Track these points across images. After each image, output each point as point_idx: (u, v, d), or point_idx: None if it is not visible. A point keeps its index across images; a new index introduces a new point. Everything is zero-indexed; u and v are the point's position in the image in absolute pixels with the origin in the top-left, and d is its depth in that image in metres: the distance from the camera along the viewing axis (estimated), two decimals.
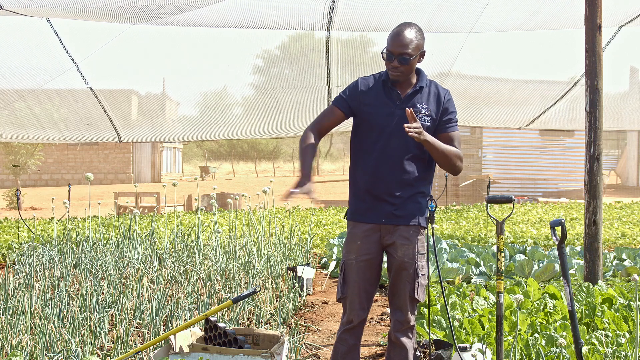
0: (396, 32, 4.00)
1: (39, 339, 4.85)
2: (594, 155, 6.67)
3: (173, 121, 14.28)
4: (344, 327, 4.11)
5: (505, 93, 13.66)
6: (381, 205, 4.03)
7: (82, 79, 10.93)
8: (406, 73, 4.01)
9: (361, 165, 4.08)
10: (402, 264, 4.03)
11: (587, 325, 5.33)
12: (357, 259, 4.06)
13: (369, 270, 4.07)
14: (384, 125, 4.02)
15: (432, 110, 4.05)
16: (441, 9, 9.62)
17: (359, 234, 4.06)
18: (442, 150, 3.98)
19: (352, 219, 4.12)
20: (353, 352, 4.12)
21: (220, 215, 14.27)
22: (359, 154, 4.11)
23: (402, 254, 4.02)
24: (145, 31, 10.08)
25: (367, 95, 4.08)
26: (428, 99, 4.07)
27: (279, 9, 9.38)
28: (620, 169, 34.10)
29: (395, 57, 3.96)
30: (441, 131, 4.06)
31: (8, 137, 12.75)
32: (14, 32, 9.89)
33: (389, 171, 4.02)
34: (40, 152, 30.69)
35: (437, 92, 4.09)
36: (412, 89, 4.06)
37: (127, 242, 8.63)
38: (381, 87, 4.09)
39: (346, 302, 4.10)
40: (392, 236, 4.03)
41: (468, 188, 23.87)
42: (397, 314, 4.08)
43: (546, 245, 10.19)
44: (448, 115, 4.07)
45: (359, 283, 4.06)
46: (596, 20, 6.66)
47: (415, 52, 3.95)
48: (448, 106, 4.08)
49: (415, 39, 3.96)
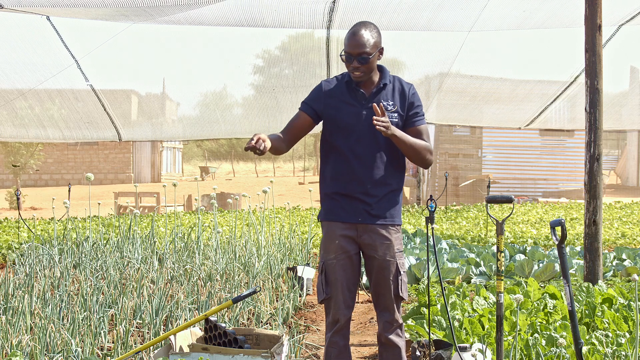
0: (352, 32, 4.02)
1: (39, 339, 4.84)
2: (594, 155, 6.67)
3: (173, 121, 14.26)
4: (333, 329, 4.09)
5: (505, 91, 13.65)
6: (356, 205, 4.03)
7: (82, 76, 10.93)
8: (367, 72, 4.02)
9: (333, 167, 4.08)
10: (383, 263, 4.03)
11: (587, 325, 5.33)
12: (337, 258, 4.05)
13: (350, 268, 4.07)
14: (353, 126, 4.04)
15: (398, 105, 4.07)
16: (441, 7, 9.62)
17: (336, 234, 4.05)
18: (410, 143, 4.00)
19: (327, 219, 4.11)
20: (344, 353, 4.11)
21: (220, 215, 14.28)
22: (330, 156, 4.11)
23: (383, 252, 4.03)
24: (146, 30, 10.08)
25: (332, 97, 4.09)
26: (393, 95, 4.09)
27: (280, 8, 9.38)
28: (620, 169, 34.10)
29: (354, 57, 3.98)
30: (409, 125, 4.08)
31: (8, 136, 12.74)
32: (14, 30, 9.89)
33: (361, 171, 4.02)
34: (41, 152, 30.69)
35: (402, 87, 4.12)
36: (376, 87, 4.08)
37: (127, 242, 8.63)
38: (345, 88, 4.10)
39: (330, 303, 4.08)
40: (370, 236, 4.03)
41: (468, 188, 23.87)
42: (385, 314, 4.08)
43: (546, 245, 10.19)
44: (414, 109, 4.09)
45: (341, 282, 4.05)
46: (596, 20, 6.66)
47: (373, 50, 3.98)
48: (414, 100, 4.10)
49: (372, 37, 3.99)
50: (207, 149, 49.92)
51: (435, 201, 4.13)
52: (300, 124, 4.13)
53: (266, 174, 44.51)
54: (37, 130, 12.42)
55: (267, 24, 9.99)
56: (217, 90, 13.21)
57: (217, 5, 8.74)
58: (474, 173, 25.16)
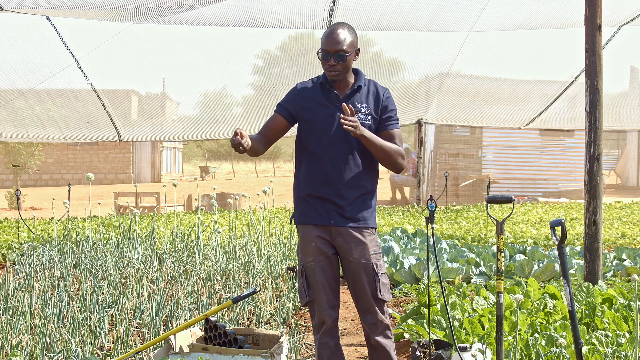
0: (329, 31, 4.04)
1: (39, 339, 4.84)
2: (594, 155, 6.67)
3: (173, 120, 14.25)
4: (320, 331, 4.07)
5: (505, 91, 13.65)
6: (328, 207, 4.03)
7: (82, 75, 10.93)
8: (343, 71, 4.03)
9: (306, 168, 4.08)
10: (359, 266, 4.02)
11: (587, 325, 5.33)
12: (316, 260, 4.04)
13: (330, 268, 4.06)
14: (326, 127, 4.04)
15: (372, 108, 4.07)
16: (441, 8, 9.62)
17: (312, 236, 4.04)
18: (380, 145, 4.00)
19: (301, 222, 4.10)
20: (337, 353, 4.10)
21: (220, 215, 14.28)
22: (303, 157, 4.11)
23: (358, 255, 4.02)
24: (146, 30, 10.08)
25: (307, 99, 4.09)
26: (367, 98, 4.09)
27: (280, 7, 9.39)
28: (620, 169, 34.08)
29: (332, 55, 3.99)
30: (382, 129, 4.08)
31: (8, 136, 12.74)
32: (15, 29, 9.89)
33: (334, 173, 4.02)
34: (41, 152, 30.68)
35: (376, 90, 4.12)
36: (350, 89, 4.09)
37: (127, 242, 8.63)
38: (319, 89, 4.10)
39: (314, 305, 4.07)
40: (344, 238, 4.03)
41: (468, 188, 23.87)
42: (368, 317, 4.06)
43: (546, 245, 10.18)
44: (388, 113, 4.10)
45: (323, 283, 4.04)
46: (596, 20, 6.66)
47: (350, 48, 3.99)
48: (387, 104, 4.11)
49: (349, 36, 4.01)
50: (207, 149, 49.91)
51: (435, 201, 4.13)
52: (275, 126, 4.11)
53: (266, 174, 44.51)
54: (37, 130, 12.42)
55: (267, 24, 9.99)
56: (217, 90, 13.21)
57: (217, 5, 8.75)
58: (474, 173, 25.16)
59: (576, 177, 24.99)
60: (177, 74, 12.73)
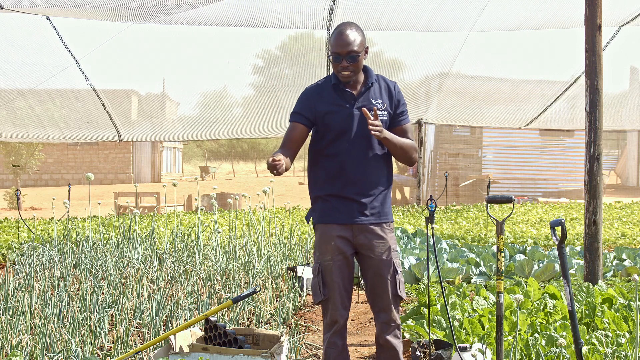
0: (338, 32, 4.04)
1: (39, 339, 4.84)
2: (594, 155, 6.67)
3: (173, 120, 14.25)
4: (331, 330, 4.08)
5: (505, 91, 13.65)
6: (351, 206, 4.05)
7: (82, 75, 10.93)
8: (356, 71, 4.05)
9: (325, 169, 4.09)
10: (380, 263, 4.05)
11: (587, 325, 5.33)
12: (334, 259, 4.06)
13: (347, 269, 4.08)
14: (345, 128, 4.05)
15: (387, 104, 4.11)
16: (441, 8, 9.62)
17: (332, 235, 4.06)
18: (399, 144, 4.06)
19: (322, 222, 4.11)
20: (343, 353, 4.12)
21: (220, 215, 14.28)
22: (321, 158, 4.11)
23: (380, 252, 4.05)
24: (146, 30, 10.08)
25: (321, 102, 4.09)
26: (381, 93, 4.12)
27: (280, 6, 9.39)
28: (620, 169, 34.09)
29: (344, 57, 4.00)
30: (396, 124, 4.13)
31: (8, 136, 12.74)
32: (15, 30, 9.89)
33: (355, 172, 4.05)
34: (41, 152, 30.69)
35: (387, 85, 4.16)
36: (364, 87, 4.10)
37: (127, 242, 8.63)
38: (333, 91, 4.10)
39: (328, 304, 4.08)
40: (366, 236, 4.06)
41: (468, 188, 23.87)
42: (383, 315, 4.08)
43: (546, 245, 10.18)
44: (401, 107, 4.15)
45: (338, 283, 4.06)
46: (596, 20, 6.66)
47: (360, 48, 4.01)
48: (400, 98, 4.16)
49: (359, 36, 4.03)
50: (207, 149, 49.91)
51: (435, 201, 4.13)
52: (297, 136, 4.11)
53: (266, 174, 44.49)
54: (37, 130, 12.42)
55: (267, 24, 9.99)
56: (217, 90, 13.21)
57: (217, 5, 8.75)
58: (474, 173, 25.16)
59: (576, 177, 25.00)
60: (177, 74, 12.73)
